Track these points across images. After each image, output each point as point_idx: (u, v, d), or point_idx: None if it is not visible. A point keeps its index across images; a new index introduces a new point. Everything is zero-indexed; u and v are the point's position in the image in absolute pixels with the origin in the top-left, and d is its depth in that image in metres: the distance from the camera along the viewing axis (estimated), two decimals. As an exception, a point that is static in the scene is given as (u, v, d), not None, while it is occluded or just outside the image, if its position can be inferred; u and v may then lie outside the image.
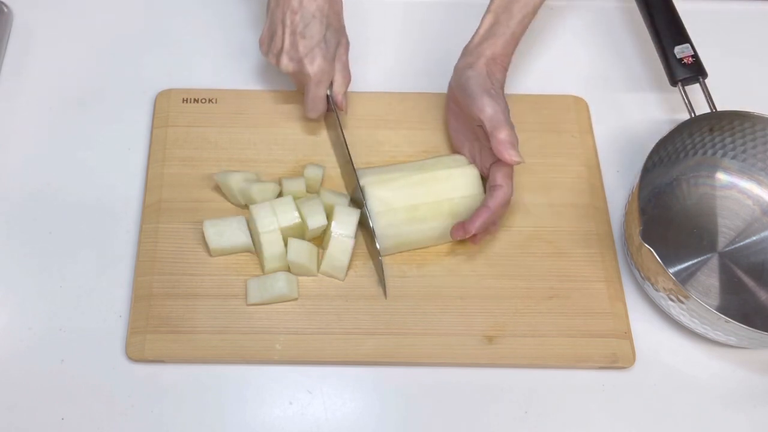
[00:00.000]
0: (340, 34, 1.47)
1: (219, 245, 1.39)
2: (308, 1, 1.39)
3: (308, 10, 1.40)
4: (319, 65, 1.42)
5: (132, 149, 1.53)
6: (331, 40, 1.43)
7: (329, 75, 1.45)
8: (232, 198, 1.45)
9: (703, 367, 1.40)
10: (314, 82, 1.44)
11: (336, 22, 1.45)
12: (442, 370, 1.36)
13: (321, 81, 1.44)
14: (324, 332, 1.36)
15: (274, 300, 1.37)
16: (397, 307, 1.39)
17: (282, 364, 1.35)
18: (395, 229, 1.40)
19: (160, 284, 1.38)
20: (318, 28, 1.41)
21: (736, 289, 1.45)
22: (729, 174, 1.54)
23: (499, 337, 1.37)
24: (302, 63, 1.42)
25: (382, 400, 1.34)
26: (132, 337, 1.34)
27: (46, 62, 1.63)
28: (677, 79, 1.51)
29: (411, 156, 1.52)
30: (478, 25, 1.42)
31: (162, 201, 1.46)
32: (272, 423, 1.32)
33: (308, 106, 1.49)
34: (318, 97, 1.47)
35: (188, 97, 1.56)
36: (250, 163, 1.50)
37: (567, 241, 1.46)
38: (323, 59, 1.42)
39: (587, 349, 1.37)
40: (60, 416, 1.31)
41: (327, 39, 1.42)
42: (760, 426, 1.36)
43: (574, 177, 1.52)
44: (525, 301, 1.40)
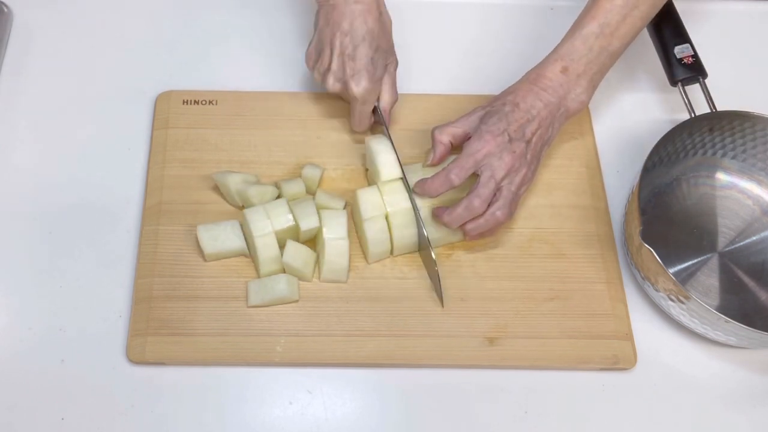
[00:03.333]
0: (388, 54, 1.48)
1: (214, 250, 1.39)
2: (359, 24, 1.40)
3: (358, 33, 1.40)
4: (365, 87, 1.43)
5: (132, 150, 1.53)
6: (379, 61, 1.44)
7: (375, 95, 1.46)
8: (230, 199, 1.45)
9: (703, 367, 1.40)
10: (360, 102, 1.45)
11: (385, 43, 1.46)
12: (443, 372, 1.36)
13: (367, 101, 1.46)
14: (325, 334, 1.36)
15: (274, 302, 1.37)
16: (398, 308, 1.39)
17: (283, 366, 1.35)
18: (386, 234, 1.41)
19: (160, 286, 1.38)
20: (366, 51, 1.41)
21: (736, 289, 1.45)
22: (729, 174, 1.54)
23: (500, 338, 1.37)
24: (348, 84, 1.43)
25: (382, 400, 1.35)
26: (133, 340, 1.34)
27: (46, 62, 1.63)
28: (677, 79, 1.51)
29: (412, 157, 1.53)
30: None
31: (162, 203, 1.46)
32: (272, 423, 1.32)
33: (354, 121, 1.51)
34: (364, 115, 1.49)
35: (189, 98, 1.56)
36: (250, 164, 1.50)
37: (568, 243, 1.46)
38: (369, 81, 1.43)
39: (588, 351, 1.37)
40: (60, 416, 1.31)
41: (375, 61, 1.43)
42: (760, 426, 1.36)
43: (575, 178, 1.53)
44: (526, 302, 1.40)
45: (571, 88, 1.41)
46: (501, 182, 1.36)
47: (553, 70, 1.41)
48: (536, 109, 1.39)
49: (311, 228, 1.39)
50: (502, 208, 1.37)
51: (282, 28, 1.69)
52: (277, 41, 1.67)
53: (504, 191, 1.37)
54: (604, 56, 1.41)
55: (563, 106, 1.41)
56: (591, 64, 1.41)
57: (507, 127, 1.37)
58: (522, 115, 1.38)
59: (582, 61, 1.40)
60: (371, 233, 1.39)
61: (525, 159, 1.38)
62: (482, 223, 1.38)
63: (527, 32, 1.55)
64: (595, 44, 1.40)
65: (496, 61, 1.63)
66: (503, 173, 1.36)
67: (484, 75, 1.62)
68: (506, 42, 1.69)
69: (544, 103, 1.39)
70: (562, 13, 1.44)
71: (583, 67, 1.41)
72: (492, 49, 1.68)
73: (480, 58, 1.67)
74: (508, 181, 1.37)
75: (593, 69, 1.41)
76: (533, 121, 1.38)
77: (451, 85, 1.62)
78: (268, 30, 1.70)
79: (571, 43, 1.41)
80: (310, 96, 1.58)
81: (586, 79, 1.41)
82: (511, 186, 1.37)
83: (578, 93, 1.42)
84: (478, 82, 1.61)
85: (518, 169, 1.37)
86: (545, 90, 1.40)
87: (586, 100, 1.43)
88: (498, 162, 1.36)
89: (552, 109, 1.40)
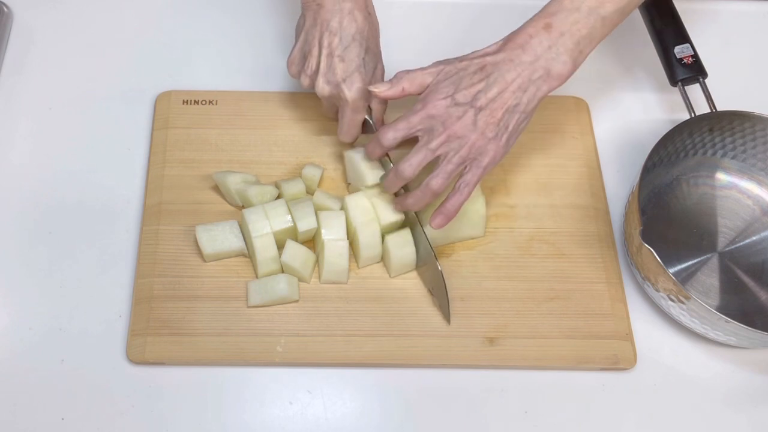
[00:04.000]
0: (377, 58, 1.43)
1: (213, 250, 1.39)
2: (348, 23, 1.37)
3: (348, 32, 1.37)
4: (358, 90, 1.37)
5: (132, 149, 1.53)
6: (370, 64, 1.40)
7: (367, 100, 1.41)
8: (230, 199, 1.45)
9: (703, 367, 1.40)
10: (352, 108, 1.39)
11: (374, 46, 1.42)
12: (443, 372, 1.36)
13: (359, 107, 1.40)
14: (325, 334, 1.36)
15: (274, 302, 1.37)
16: (398, 308, 1.39)
17: (283, 366, 1.35)
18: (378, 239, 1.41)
19: (160, 286, 1.38)
20: (357, 51, 1.37)
21: (736, 289, 1.45)
22: (729, 174, 1.54)
23: (500, 338, 1.37)
24: (340, 87, 1.37)
25: (382, 400, 1.35)
26: (133, 340, 1.34)
27: (46, 62, 1.63)
28: (677, 79, 1.51)
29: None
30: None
31: (162, 203, 1.46)
32: (272, 423, 1.32)
33: (343, 131, 1.44)
34: (355, 123, 1.43)
35: (189, 98, 1.56)
36: (250, 164, 1.50)
37: (568, 242, 1.46)
38: (362, 84, 1.37)
39: (588, 351, 1.37)
40: (60, 416, 1.31)
41: (366, 63, 1.39)
42: (760, 426, 1.36)
43: (575, 178, 1.53)
44: (526, 302, 1.40)
45: (551, 46, 1.29)
46: (437, 150, 1.29)
47: (535, 26, 1.30)
48: (500, 71, 1.29)
49: (309, 229, 1.39)
50: (436, 177, 1.30)
51: (282, 29, 1.69)
52: (277, 41, 1.67)
53: (443, 162, 1.30)
54: (594, 18, 1.29)
55: (541, 68, 1.29)
56: (578, 24, 1.29)
57: (455, 90, 1.29)
58: (479, 77, 1.29)
59: (568, 19, 1.29)
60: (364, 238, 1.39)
61: (474, 127, 1.28)
62: (419, 196, 1.33)
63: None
64: (584, 3, 1.29)
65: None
66: (440, 140, 1.28)
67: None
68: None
69: (515, 63, 1.28)
70: (562, 13, 1.45)
71: (569, 26, 1.29)
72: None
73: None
74: (451, 150, 1.29)
75: (581, 31, 1.29)
76: (493, 86, 1.28)
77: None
78: (268, 30, 1.70)
79: (560, 1, 1.30)
80: (310, 96, 1.56)
81: (572, 40, 1.29)
82: (454, 156, 1.29)
83: (560, 52, 1.29)
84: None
85: (463, 137, 1.28)
86: (521, 47, 1.29)
87: (569, 62, 1.30)
88: (437, 126, 1.28)
89: (524, 70, 1.29)
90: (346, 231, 1.39)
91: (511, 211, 1.44)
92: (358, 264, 1.42)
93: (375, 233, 1.39)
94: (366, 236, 1.38)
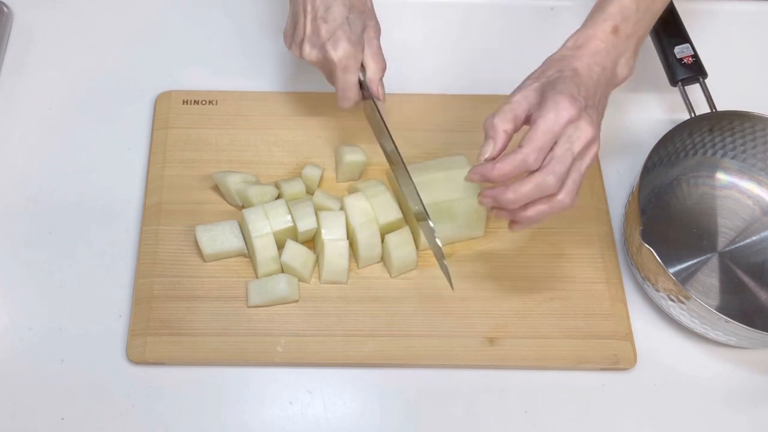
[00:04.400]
0: (366, 16, 1.39)
1: (212, 250, 1.39)
2: None
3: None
4: (344, 49, 1.34)
5: (132, 149, 1.53)
6: (356, 22, 1.36)
7: (356, 59, 1.36)
8: (230, 199, 1.46)
9: (703, 367, 1.40)
10: (340, 68, 1.36)
11: (360, 5, 1.38)
12: (443, 372, 1.37)
13: (348, 66, 1.36)
14: (325, 334, 1.36)
15: (275, 302, 1.37)
16: (398, 308, 1.39)
17: (283, 366, 1.35)
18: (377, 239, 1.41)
19: (160, 286, 1.39)
20: (339, 10, 1.34)
21: (736, 289, 1.45)
22: (729, 174, 1.54)
23: (500, 338, 1.37)
24: (325, 48, 1.34)
25: (382, 400, 1.35)
26: (133, 340, 1.35)
27: (46, 62, 1.63)
28: (677, 79, 1.51)
29: (412, 158, 1.51)
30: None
31: (162, 203, 1.46)
32: (272, 423, 1.32)
33: (339, 95, 1.40)
34: (348, 84, 1.38)
35: (189, 98, 1.57)
36: (250, 164, 1.51)
37: (568, 243, 1.46)
38: (347, 42, 1.34)
39: (588, 351, 1.37)
40: (60, 416, 1.31)
41: (351, 21, 1.35)
42: (760, 426, 1.36)
43: (575, 178, 1.52)
44: (526, 302, 1.40)
45: (622, 52, 1.28)
46: (580, 158, 1.20)
47: (604, 31, 1.26)
48: (595, 74, 1.24)
49: (309, 229, 1.39)
50: (571, 193, 1.20)
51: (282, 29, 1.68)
52: (277, 41, 1.66)
53: (573, 172, 1.20)
54: (649, 16, 1.30)
55: (614, 73, 1.28)
56: (638, 24, 1.28)
57: (578, 91, 1.20)
58: (585, 80, 1.23)
59: (631, 20, 1.27)
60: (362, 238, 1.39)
61: (599, 129, 1.23)
62: (545, 210, 1.22)
63: (528, 32, 1.55)
64: (642, 2, 1.28)
65: (496, 61, 1.63)
66: (582, 145, 1.19)
67: (484, 75, 1.62)
68: (506, 42, 1.69)
69: (601, 67, 1.25)
70: (562, 13, 1.44)
71: (632, 27, 1.27)
72: (492, 48, 1.68)
73: (480, 58, 1.67)
74: (579, 158, 1.20)
75: (640, 30, 1.29)
76: (597, 88, 1.24)
77: (450, 85, 1.62)
78: (268, 30, 1.69)
79: (620, 2, 1.27)
80: (311, 96, 1.58)
81: (635, 41, 1.29)
82: (582, 164, 1.21)
83: (628, 57, 1.28)
84: (477, 82, 1.61)
85: (593, 142, 1.20)
86: (597, 53, 1.25)
87: (634, 65, 1.30)
88: (576, 133, 1.18)
89: (608, 75, 1.27)
90: (346, 231, 1.39)
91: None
92: (358, 264, 1.42)
93: (374, 233, 1.39)
94: (365, 236, 1.39)
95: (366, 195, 1.41)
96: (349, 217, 1.39)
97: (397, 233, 1.40)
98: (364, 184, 1.44)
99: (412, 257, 1.40)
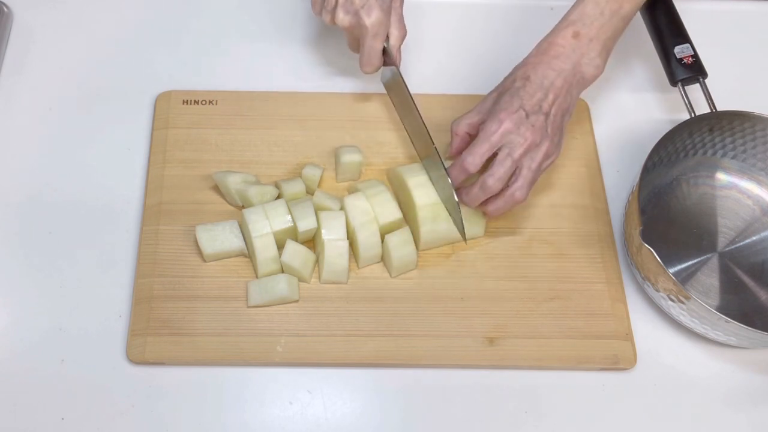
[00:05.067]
0: None
1: (212, 250, 1.39)
2: None
3: None
4: (377, 16, 1.41)
5: (132, 149, 1.53)
6: None
7: (386, 27, 1.45)
8: (230, 199, 1.45)
9: (703, 367, 1.40)
10: (371, 34, 1.43)
11: None
12: (443, 372, 1.36)
13: (378, 33, 1.44)
14: (325, 334, 1.36)
15: (275, 302, 1.37)
16: (398, 308, 1.39)
17: (283, 366, 1.35)
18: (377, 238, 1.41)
19: (160, 286, 1.39)
20: None
21: (736, 289, 1.45)
22: (729, 174, 1.54)
23: (500, 338, 1.37)
24: (359, 15, 1.41)
25: (382, 401, 1.35)
26: (133, 340, 1.34)
27: (46, 62, 1.63)
28: (677, 79, 1.51)
29: (410, 157, 1.53)
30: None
31: (162, 203, 1.46)
32: (272, 423, 1.32)
33: (364, 60, 1.48)
34: (374, 50, 1.46)
35: (189, 98, 1.56)
36: (250, 164, 1.50)
37: (568, 243, 1.46)
38: (379, 10, 1.41)
39: (588, 351, 1.37)
40: (60, 416, 1.31)
41: None
42: (760, 426, 1.36)
43: (575, 178, 1.53)
44: (526, 302, 1.40)
45: (584, 53, 1.38)
46: (520, 160, 1.34)
47: (565, 36, 1.38)
48: (549, 79, 1.36)
49: (309, 229, 1.39)
50: (521, 189, 1.34)
51: (282, 28, 1.69)
52: (277, 41, 1.67)
53: (524, 170, 1.34)
54: (616, 20, 1.38)
55: (578, 73, 1.38)
56: (603, 27, 1.38)
57: (522, 103, 1.34)
58: (535, 88, 1.35)
59: (594, 25, 1.37)
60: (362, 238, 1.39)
61: (546, 132, 1.35)
62: (501, 205, 1.36)
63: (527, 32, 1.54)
64: (606, 7, 1.37)
65: (495, 62, 1.62)
66: (522, 150, 1.33)
67: (484, 75, 1.61)
68: (506, 42, 1.69)
69: (557, 71, 1.36)
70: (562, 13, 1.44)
71: (596, 31, 1.38)
72: (491, 49, 1.68)
73: (479, 58, 1.67)
74: (529, 158, 1.34)
75: (606, 33, 1.38)
76: (549, 93, 1.36)
77: (450, 85, 1.63)
78: (268, 29, 1.70)
79: (582, 8, 1.38)
80: (311, 96, 1.58)
81: (599, 43, 1.38)
82: (532, 164, 1.34)
83: (592, 57, 1.38)
84: (477, 83, 1.60)
85: (539, 144, 1.34)
86: (557, 58, 1.37)
87: (602, 64, 1.39)
88: (517, 138, 1.33)
89: (567, 77, 1.37)
90: (345, 231, 1.39)
91: (511, 211, 1.43)
92: (358, 264, 1.42)
93: (374, 233, 1.39)
94: (364, 236, 1.39)
95: (366, 195, 1.41)
96: (349, 217, 1.39)
97: (397, 233, 1.39)
98: (364, 184, 1.44)
99: (412, 257, 1.40)
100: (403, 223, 1.42)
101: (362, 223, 1.39)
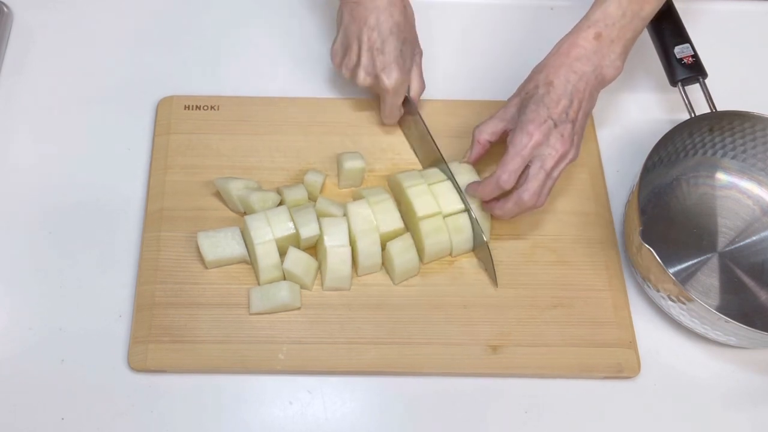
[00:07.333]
0: (414, 45, 1.50)
1: (214, 257, 1.39)
2: (385, 18, 1.42)
3: (385, 27, 1.42)
4: (396, 78, 1.45)
5: (133, 155, 1.53)
6: (407, 52, 1.47)
7: (405, 86, 1.49)
8: (232, 205, 1.45)
9: (704, 367, 1.40)
10: (392, 94, 1.47)
11: (410, 35, 1.48)
12: (445, 380, 1.36)
13: (398, 92, 1.48)
14: (327, 341, 1.36)
15: (276, 309, 1.37)
16: (401, 316, 1.39)
17: (285, 373, 1.35)
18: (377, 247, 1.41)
19: (162, 293, 1.39)
20: (395, 44, 1.44)
21: (736, 289, 1.45)
22: (729, 174, 1.54)
23: (503, 346, 1.37)
24: (380, 78, 1.45)
25: (384, 409, 1.35)
26: (134, 347, 1.35)
27: (46, 62, 1.63)
28: (677, 79, 1.51)
29: (413, 164, 1.53)
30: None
31: (164, 209, 1.46)
32: (272, 423, 1.33)
33: (385, 114, 1.53)
34: (395, 107, 1.51)
35: (190, 104, 1.56)
36: (252, 170, 1.50)
37: (571, 250, 1.46)
38: (399, 72, 1.45)
39: (592, 359, 1.37)
40: (60, 416, 1.32)
41: (403, 53, 1.46)
42: (760, 426, 1.37)
43: (578, 185, 1.53)
44: (529, 310, 1.40)
45: (605, 55, 1.37)
46: (551, 172, 1.36)
47: (586, 37, 1.37)
48: (572, 83, 1.36)
49: (311, 236, 1.39)
50: (543, 197, 1.37)
51: (284, 33, 1.69)
52: (279, 46, 1.68)
53: (548, 182, 1.37)
54: (637, 21, 1.38)
55: (599, 75, 1.38)
56: (624, 29, 1.37)
57: (549, 112, 1.35)
58: (560, 94, 1.35)
59: (616, 26, 1.37)
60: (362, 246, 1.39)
61: (573, 141, 1.36)
62: (517, 210, 1.38)
63: (527, 32, 1.55)
64: (629, 9, 1.37)
65: (495, 63, 1.62)
66: (553, 162, 1.35)
67: (484, 77, 1.62)
68: (506, 42, 1.69)
69: (579, 74, 1.37)
70: (562, 13, 1.44)
71: (617, 32, 1.37)
72: (492, 49, 1.69)
73: (479, 58, 1.68)
74: (557, 168, 1.37)
75: (626, 35, 1.38)
76: (573, 99, 1.36)
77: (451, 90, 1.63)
78: (270, 35, 1.70)
79: (604, 9, 1.37)
80: (313, 101, 1.58)
81: (620, 45, 1.38)
82: (555, 173, 1.37)
83: (613, 59, 1.38)
84: (478, 85, 1.61)
85: (564, 156, 1.36)
86: (579, 60, 1.37)
87: (621, 66, 1.39)
88: (548, 150, 1.34)
89: (588, 80, 1.37)
90: (348, 238, 1.39)
91: (514, 217, 1.43)
92: (357, 272, 1.42)
93: (374, 242, 1.39)
94: (365, 245, 1.39)
95: (369, 202, 1.41)
96: (351, 224, 1.39)
97: (399, 240, 1.39)
98: (368, 191, 1.44)
99: (415, 264, 1.40)
100: (404, 232, 1.42)
101: (363, 231, 1.39)
